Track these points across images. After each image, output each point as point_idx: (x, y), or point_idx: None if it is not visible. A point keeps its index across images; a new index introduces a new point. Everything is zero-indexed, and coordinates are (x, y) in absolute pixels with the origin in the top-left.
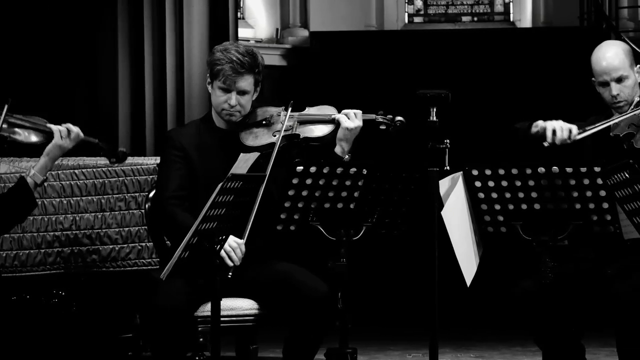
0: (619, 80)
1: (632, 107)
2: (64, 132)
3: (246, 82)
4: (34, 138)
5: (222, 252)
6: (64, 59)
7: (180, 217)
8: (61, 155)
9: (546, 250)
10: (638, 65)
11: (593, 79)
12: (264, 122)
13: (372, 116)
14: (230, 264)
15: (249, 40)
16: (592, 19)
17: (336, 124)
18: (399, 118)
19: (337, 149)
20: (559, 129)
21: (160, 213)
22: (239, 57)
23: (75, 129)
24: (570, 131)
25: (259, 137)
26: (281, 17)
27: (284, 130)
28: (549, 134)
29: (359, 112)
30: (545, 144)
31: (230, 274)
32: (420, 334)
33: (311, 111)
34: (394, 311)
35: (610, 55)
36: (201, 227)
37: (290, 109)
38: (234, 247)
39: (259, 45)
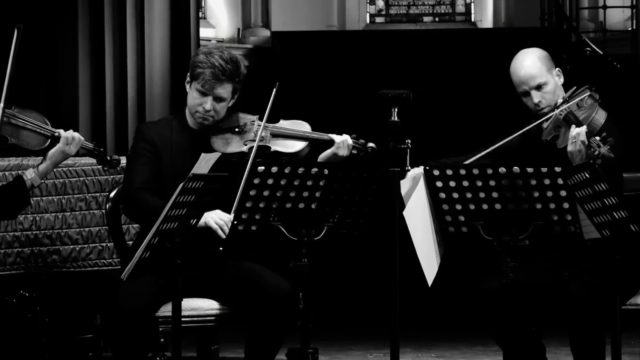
0: (539, 87)
1: (555, 109)
2: (69, 139)
3: (225, 90)
4: (35, 141)
5: (214, 225)
6: (24, 58)
7: (151, 200)
8: (63, 161)
9: (507, 250)
10: (557, 69)
11: (517, 90)
12: (236, 129)
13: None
14: (223, 236)
15: (210, 40)
16: (552, 19)
17: (307, 142)
18: (370, 145)
19: None
20: (220, 224)
21: (130, 202)
22: (221, 63)
23: (77, 136)
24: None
25: (230, 144)
26: (243, 17)
27: (258, 141)
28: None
29: (351, 142)
30: None
31: (221, 247)
32: (382, 333)
33: (285, 125)
34: (355, 311)
35: (526, 64)
36: (162, 227)
37: (264, 121)
38: (225, 220)
39: (220, 46)
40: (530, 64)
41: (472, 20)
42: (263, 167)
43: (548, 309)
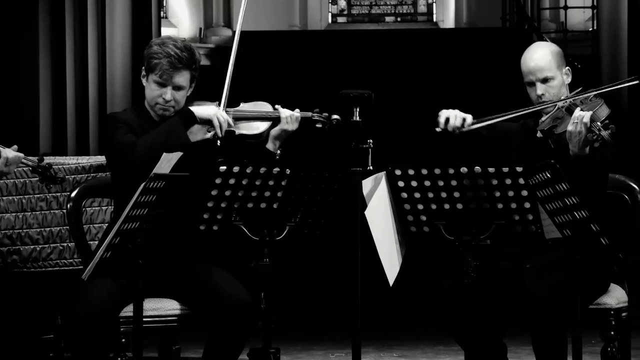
0: (545, 80)
1: (554, 105)
2: (8, 159)
3: (183, 77)
4: None
5: (216, 121)
6: None
7: (144, 137)
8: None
9: (469, 249)
10: (567, 67)
11: (524, 79)
12: None
13: (309, 114)
14: (220, 134)
15: None
16: (514, 20)
17: (274, 121)
18: (335, 116)
19: (270, 146)
20: (452, 116)
21: (135, 157)
22: (176, 51)
23: (14, 155)
24: (464, 120)
25: (193, 133)
26: (204, 16)
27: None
28: (441, 119)
29: (298, 115)
30: (438, 130)
31: (219, 141)
32: (344, 333)
33: (246, 107)
34: (317, 311)
35: (537, 56)
36: (123, 227)
37: (224, 104)
38: (225, 118)
39: (172, 35)
40: (541, 57)
41: (434, 20)
42: (225, 167)
43: (510, 309)
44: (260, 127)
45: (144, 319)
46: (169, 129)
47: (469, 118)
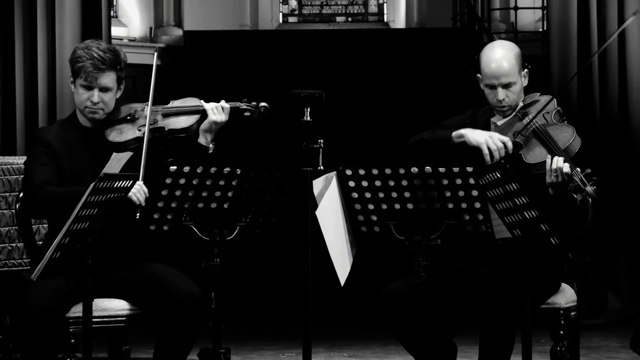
0: (507, 86)
1: (515, 112)
2: None
3: (108, 78)
4: None
5: (130, 194)
6: None
7: (59, 189)
8: None
9: (419, 249)
10: (525, 70)
11: (479, 75)
12: (128, 117)
13: (236, 104)
14: (137, 202)
15: (122, 39)
16: (464, 20)
17: (202, 114)
18: (262, 104)
19: (201, 140)
20: (494, 149)
21: (36, 200)
22: (100, 53)
23: None
24: (505, 145)
25: (124, 133)
26: (155, 16)
27: (149, 124)
28: (486, 158)
29: (226, 105)
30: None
31: (137, 214)
32: (294, 333)
33: (175, 104)
34: (268, 311)
35: (500, 58)
36: (73, 227)
37: (151, 102)
38: (138, 188)
39: (133, 44)
40: (506, 61)
41: (385, 20)
42: (175, 167)
43: (460, 308)
44: (189, 120)
45: (93, 319)
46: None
47: (508, 142)
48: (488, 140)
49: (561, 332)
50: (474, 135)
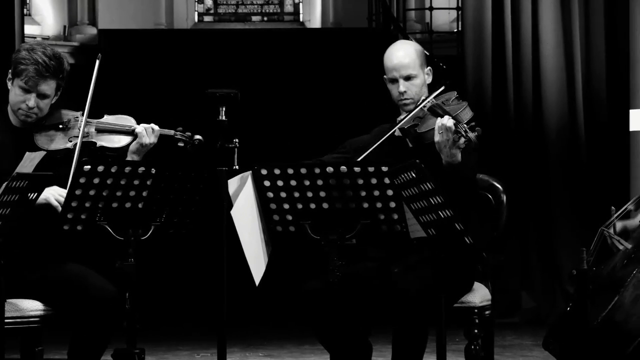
0: (408, 78)
1: (415, 105)
2: None
3: (49, 86)
4: None
5: (54, 202)
6: None
7: None
8: None
9: (334, 249)
10: (429, 68)
11: (385, 75)
12: (60, 125)
13: (171, 132)
14: (59, 206)
15: (35, 38)
16: (380, 20)
17: (133, 136)
18: (197, 137)
19: (128, 159)
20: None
21: None
22: (45, 59)
23: None
24: None
25: (54, 141)
26: (69, 14)
27: (82, 137)
28: None
29: (157, 128)
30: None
31: (65, 227)
32: (209, 333)
33: (109, 119)
34: (183, 311)
35: (401, 53)
36: None
37: (86, 114)
38: (57, 191)
39: (43, 42)
40: (406, 54)
41: (301, 20)
42: (89, 166)
43: (376, 308)
44: (121, 140)
45: (5, 320)
46: None
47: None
48: (53, 193)
49: (475, 330)
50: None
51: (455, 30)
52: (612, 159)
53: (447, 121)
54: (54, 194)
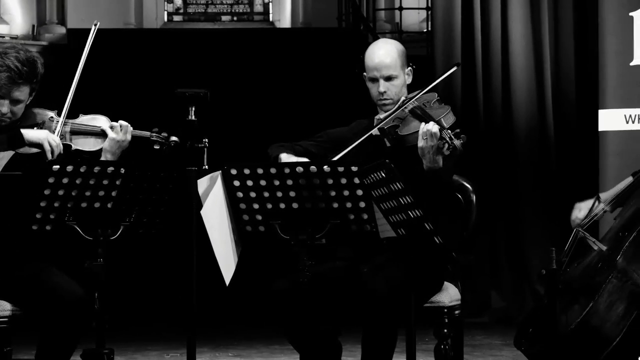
0: (388, 78)
1: (396, 106)
2: None
3: (22, 92)
4: None
5: (47, 145)
6: None
7: None
8: None
9: (304, 249)
10: (409, 68)
11: (364, 73)
12: (35, 127)
13: (147, 134)
14: (50, 157)
15: (4, 37)
16: (350, 20)
17: (105, 135)
18: (173, 138)
19: (102, 159)
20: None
21: None
22: (17, 65)
23: None
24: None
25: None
26: (38, 13)
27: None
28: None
29: (129, 126)
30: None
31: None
32: (179, 333)
33: (84, 120)
34: (152, 311)
35: (383, 52)
36: None
37: (64, 114)
38: (57, 142)
39: (14, 42)
40: (387, 53)
41: (271, 20)
42: (58, 166)
43: (345, 307)
44: (97, 143)
45: None
46: None
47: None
48: (48, 137)
49: (445, 330)
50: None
51: (425, 30)
52: (581, 158)
53: (433, 127)
54: (48, 138)
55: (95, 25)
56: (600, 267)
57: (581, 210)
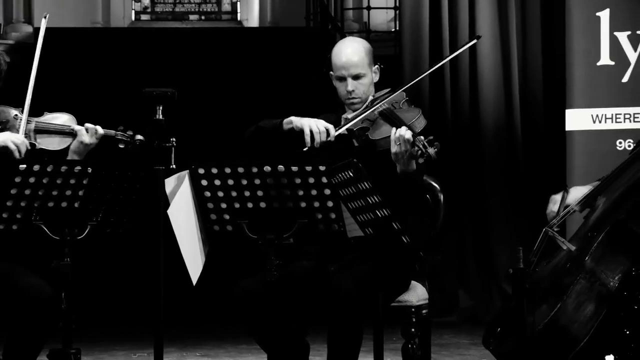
0: (356, 77)
1: (366, 105)
2: None
3: None
4: None
5: (12, 145)
6: None
7: None
8: None
9: (272, 248)
10: (376, 66)
11: (331, 72)
12: None
13: (112, 132)
14: (18, 156)
15: None
16: (318, 19)
17: (74, 136)
18: (139, 137)
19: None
20: (315, 131)
21: None
22: None
23: None
24: (327, 131)
25: None
26: (4, 12)
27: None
28: (307, 138)
29: (99, 128)
30: (305, 150)
31: (21, 165)
32: (146, 332)
33: (49, 118)
34: (119, 311)
35: (350, 51)
36: None
37: (27, 112)
38: (22, 141)
39: None
40: (354, 52)
41: (238, 19)
42: (25, 165)
43: (312, 307)
44: (62, 143)
45: None
46: None
47: (331, 128)
48: (312, 124)
49: (412, 329)
50: (301, 120)
51: (393, 30)
52: (548, 158)
53: (405, 133)
54: (10, 137)
55: (45, 17)
56: (569, 268)
57: (556, 204)
